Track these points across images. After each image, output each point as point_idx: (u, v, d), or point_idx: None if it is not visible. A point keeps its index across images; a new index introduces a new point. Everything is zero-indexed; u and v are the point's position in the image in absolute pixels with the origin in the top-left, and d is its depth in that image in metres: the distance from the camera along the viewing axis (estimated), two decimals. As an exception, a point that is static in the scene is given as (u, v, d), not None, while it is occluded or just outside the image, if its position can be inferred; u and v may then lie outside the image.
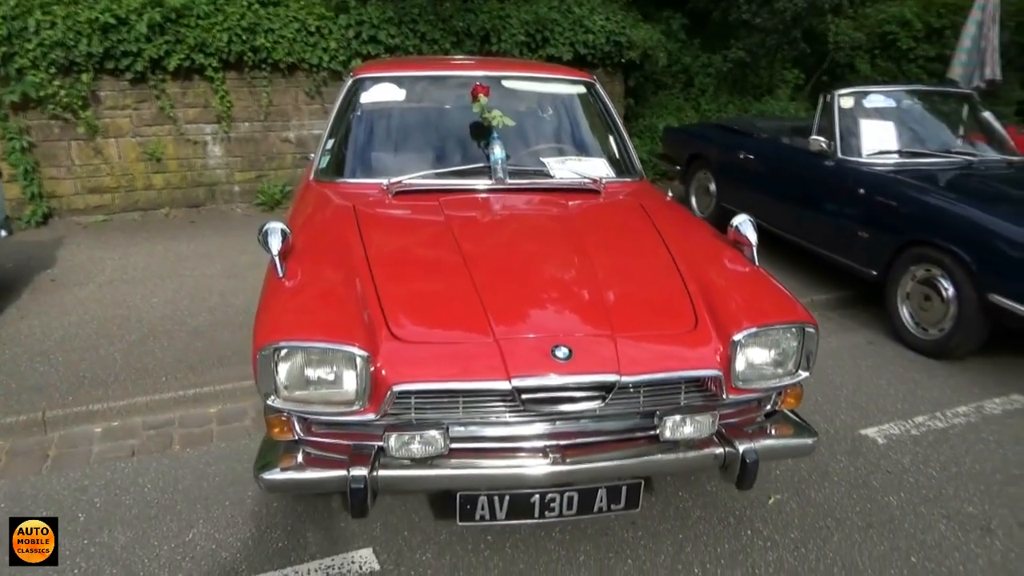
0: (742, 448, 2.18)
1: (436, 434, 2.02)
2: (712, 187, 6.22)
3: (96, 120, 6.02)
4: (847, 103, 4.90)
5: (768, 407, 2.41)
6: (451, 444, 2.05)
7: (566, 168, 3.35)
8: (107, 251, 5.45)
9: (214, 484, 2.83)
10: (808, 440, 2.35)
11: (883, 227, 4.37)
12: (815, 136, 4.91)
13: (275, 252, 2.37)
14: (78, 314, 4.27)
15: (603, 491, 2.18)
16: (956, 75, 6.62)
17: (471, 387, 2.02)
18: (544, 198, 3.15)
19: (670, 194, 3.49)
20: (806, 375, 2.30)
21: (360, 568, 2.39)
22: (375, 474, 2.03)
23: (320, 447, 2.17)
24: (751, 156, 5.65)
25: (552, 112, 3.73)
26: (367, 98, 3.53)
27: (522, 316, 2.23)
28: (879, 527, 2.65)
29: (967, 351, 4.01)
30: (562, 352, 2.05)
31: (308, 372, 2.05)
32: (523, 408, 2.05)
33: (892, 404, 3.58)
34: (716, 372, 2.14)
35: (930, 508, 2.78)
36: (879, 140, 4.74)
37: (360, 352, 1.99)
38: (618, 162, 3.57)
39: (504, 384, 1.99)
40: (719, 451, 2.22)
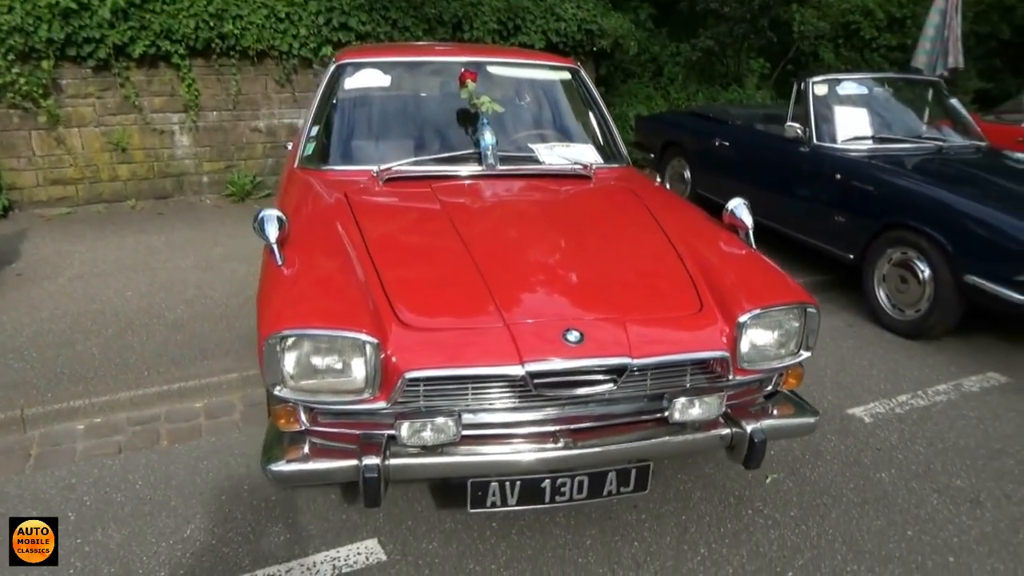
0: (750, 428, 2.20)
1: (448, 421, 2.00)
2: (687, 174, 6.27)
3: (58, 109, 5.81)
4: (821, 90, 4.97)
5: (769, 388, 2.44)
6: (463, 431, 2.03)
7: (554, 154, 3.34)
8: (74, 244, 5.28)
9: (208, 479, 2.77)
10: (810, 419, 2.38)
11: (859, 211, 4.46)
12: (790, 123, 4.98)
13: (272, 240, 2.32)
14: (49, 309, 4.13)
15: (613, 474, 2.18)
16: (920, 63, 6.77)
17: (484, 372, 2.00)
18: (536, 184, 3.14)
19: (658, 179, 3.50)
20: (808, 355, 2.33)
21: (367, 559, 2.36)
22: (387, 463, 2.00)
23: (327, 437, 2.13)
24: (726, 143, 5.71)
25: (538, 98, 3.71)
26: (351, 84, 3.46)
27: (530, 301, 2.22)
28: (874, 503, 2.71)
29: (943, 331, 4.12)
30: (573, 336, 2.04)
31: (315, 361, 2.01)
32: (534, 393, 2.04)
33: (875, 384, 3.66)
34: (724, 353, 2.16)
35: (921, 483, 2.85)
36: (853, 126, 4.83)
37: (370, 339, 1.96)
38: (604, 148, 3.57)
39: (517, 369, 1.98)
40: (726, 432, 2.24)
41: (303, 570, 2.30)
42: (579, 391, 2.06)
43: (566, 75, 3.78)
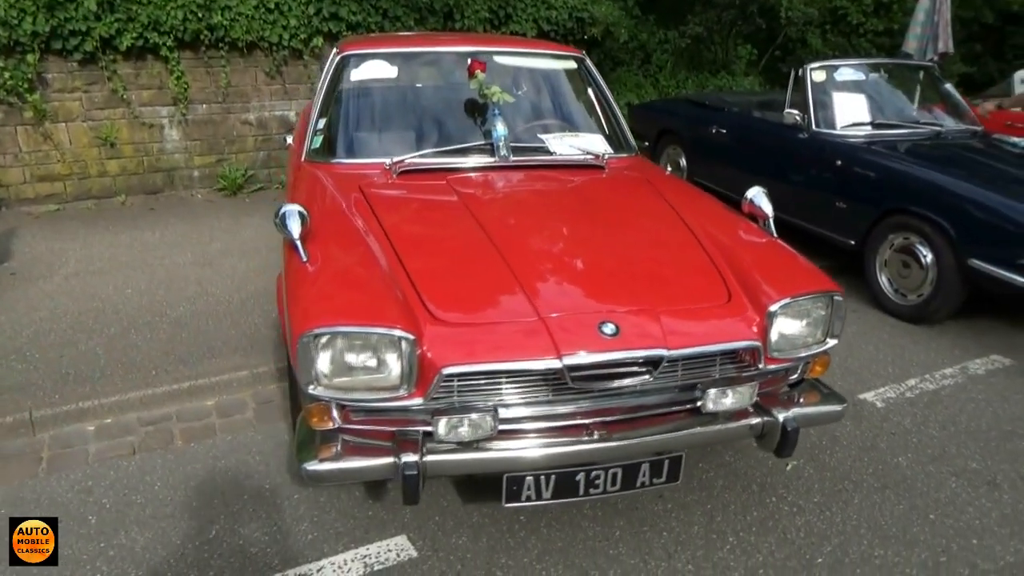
0: (782, 417, 2.21)
1: (486, 416, 1.99)
2: (682, 162, 6.26)
3: (44, 104, 5.68)
4: (819, 77, 4.98)
5: (795, 376, 2.45)
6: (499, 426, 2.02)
7: (564, 144, 3.32)
8: (66, 242, 5.18)
9: (227, 479, 2.74)
10: (838, 407, 2.40)
11: (861, 197, 4.48)
12: (789, 110, 4.99)
13: (296, 236, 2.28)
14: (48, 308, 4.05)
15: (646, 466, 2.18)
16: (911, 48, 6.82)
17: (521, 367, 1.98)
18: (551, 174, 3.13)
19: (669, 168, 3.49)
20: (835, 343, 2.35)
21: (398, 556, 2.34)
22: (425, 460, 1.99)
23: (359, 435, 2.11)
24: (723, 130, 5.72)
25: (545, 88, 3.68)
26: (358, 75, 3.41)
27: (561, 294, 2.20)
28: (894, 487, 2.74)
29: (945, 315, 4.16)
30: (609, 328, 2.04)
31: (350, 358, 1.98)
32: (569, 386, 2.03)
33: (883, 368, 3.69)
34: (756, 343, 2.16)
35: (937, 467, 2.88)
36: (852, 112, 4.86)
37: (406, 335, 1.94)
38: (613, 137, 3.55)
39: (555, 362, 1.97)
40: (756, 421, 2.25)
41: (334, 569, 2.29)
42: (615, 383, 2.06)
43: (572, 64, 3.76)
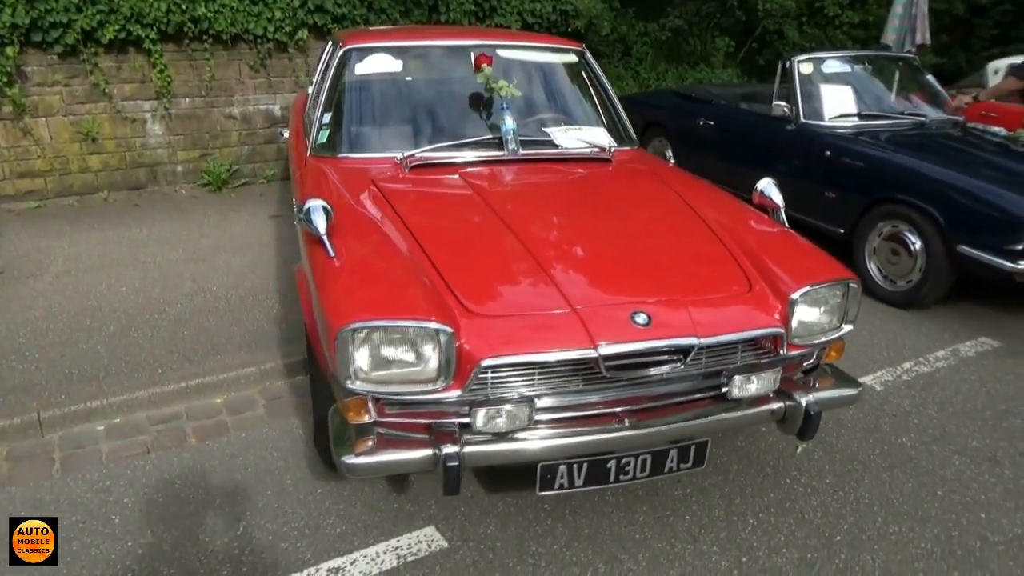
0: (804, 400, 2.28)
1: (523, 407, 2.02)
2: (669, 154, 6.33)
3: (23, 98, 5.54)
4: (806, 69, 5.08)
5: (809, 362, 2.51)
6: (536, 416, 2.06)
7: (569, 137, 3.36)
8: (52, 239, 5.08)
9: (248, 475, 2.73)
10: (854, 390, 2.47)
11: (850, 187, 4.59)
12: (777, 102, 5.08)
13: (322, 231, 2.28)
14: (42, 308, 3.98)
15: (674, 452, 2.23)
16: (890, 40, 6.96)
17: (557, 357, 2.02)
18: (561, 168, 3.16)
19: (672, 161, 3.55)
20: (850, 328, 2.42)
21: (429, 546, 2.37)
22: (463, 451, 2.01)
23: (393, 427, 2.13)
24: (711, 122, 5.79)
25: (548, 81, 3.71)
26: (362, 69, 3.41)
27: (590, 285, 2.23)
28: (901, 466, 2.83)
29: (933, 300, 4.29)
30: (641, 318, 2.08)
31: (388, 352, 2.00)
32: (603, 375, 2.07)
33: (878, 353, 3.80)
34: (780, 330, 2.23)
35: (940, 446, 2.98)
36: (839, 104, 4.96)
37: (444, 327, 1.96)
38: (615, 130, 3.60)
39: (591, 352, 2.00)
40: (778, 406, 2.32)
41: (367, 561, 2.30)
42: (647, 372, 2.10)
43: (573, 57, 3.79)
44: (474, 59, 3.33)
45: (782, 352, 2.27)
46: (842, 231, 4.67)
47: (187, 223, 5.50)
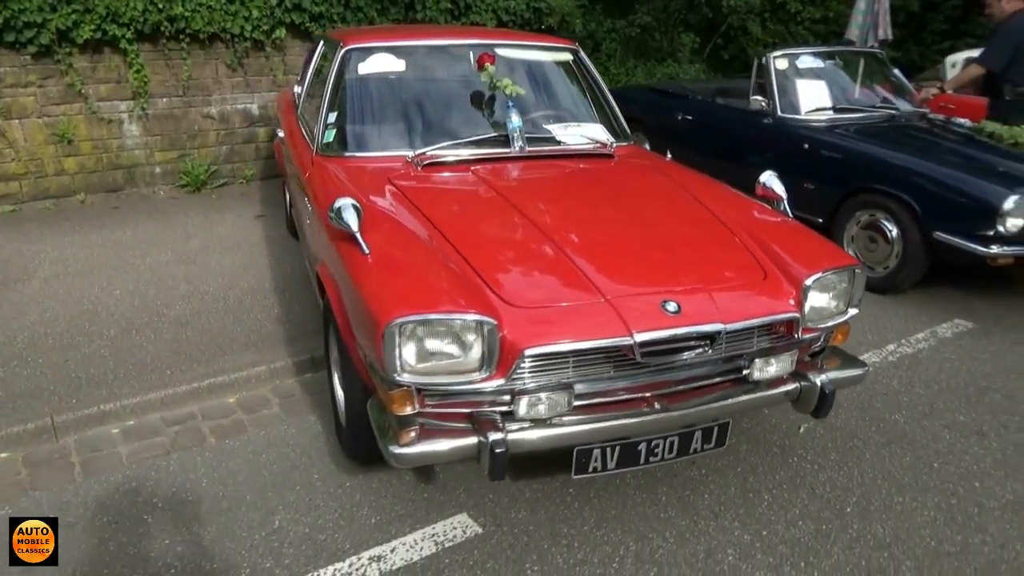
0: (820, 381, 2.41)
1: (563, 394, 2.11)
2: (646, 147, 6.46)
3: (-3, 100, 5.44)
4: (781, 64, 5.26)
5: (818, 345, 2.65)
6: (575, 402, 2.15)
7: (570, 134, 3.45)
8: (33, 243, 4.99)
9: (274, 471, 2.77)
10: (860, 370, 2.62)
11: (828, 178, 4.77)
12: (755, 96, 5.26)
13: (356, 229, 2.33)
14: (37, 313, 3.93)
15: (699, 433, 2.34)
16: (854, 36, 7.21)
17: (595, 345, 2.11)
18: (567, 163, 3.26)
19: (669, 155, 3.67)
20: (855, 312, 2.56)
21: (464, 532, 2.44)
22: (509, 437, 2.09)
23: (434, 417, 2.20)
24: (689, 117, 5.95)
25: (545, 79, 3.80)
26: (366, 69, 3.45)
27: (618, 275, 2.32)
28: (898, 442, 3.00)
29: (909, 285, 4.50)
30: (672, 306, 2.18)
31: (433, 344, 2.07)
32: (637, 361, 2.17)
33: (863, 336, 3.98)
34: (796, 314, 2.35)
35: (931, 421, 3.16)
36: (814, 98, 5.15)
37: (488, 319, 2.04)
38: (611, 126, 3.70)
39: (627, 340, 2.10)
40: (793, 386, 2.45)
41: (406, 548, 2.37)
42: (678, 357, 2.21)
43: (568, 56, 3.88)
44: (477, 58, 3.41)
45: (797, 335, 2.39)
46: (821, 220, 4.85)
47: (171, 225, 5.46)
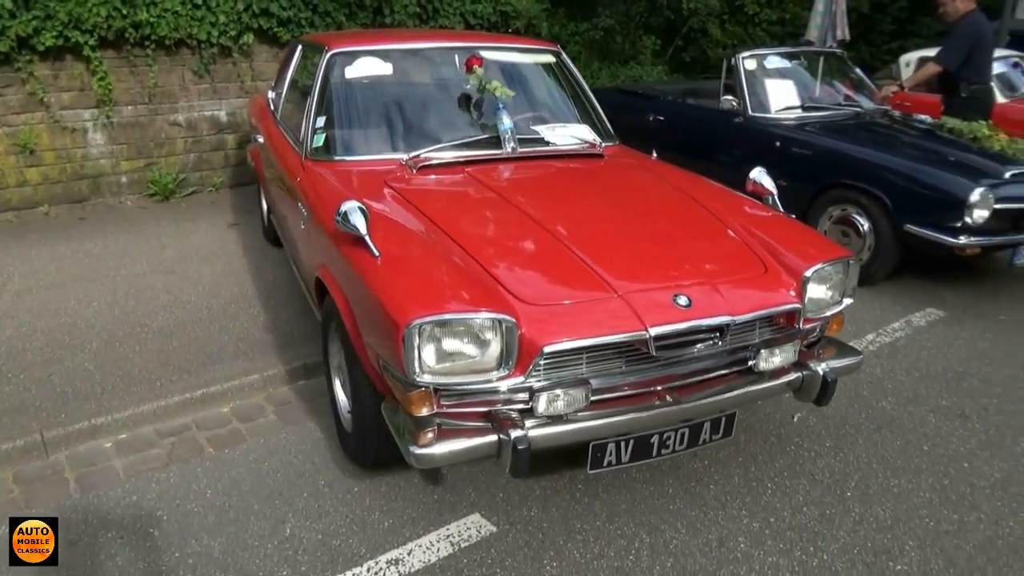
0: (822, 370, 2.48)
1: (581, 390, 2.14)
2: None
3: (-46, 110, 5.26)
4: (750, 65, 5.38)
5: (814, 335, 2.72)
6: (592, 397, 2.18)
7: (558, 134, 3.49)
8: (1, 257, 4.84)
9: (279, 479, 2.74)
10: (856, 358, 2.70)
11: (800, 175, 4.89)
12: (725, 96, 5.37)
13: (364, 232, 2.32)
14: (12, 328, 3.81)
15: (707, 424, 2.39)
16: (813, 36, 7.42)
17: (611, 340, 2.14)
18: (559, 164, 3.29)
19: (654, 154, 3.73)
20: (850, 302, 2.65)
21: (479, 531, 2.45)
22: (530, 434, 2.11)
23: (450, 417, 2.20)
24: (660, 117, 6.04)
25: (530, 81, 3.82)
26: (352, 73, 3.43)
27: (627, 271, 2.35)
28: (887, 427, 3.10)
29: (882, 277, 4.65)
30: (683, 300, 2.23)
31: (453, 344, 2.08)
32: (650, 355, 2.20)
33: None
34: (799, 305, 2.42)
35: (916, 407, 3.28)
36: (783, 97, 5.29)
37: (507, 318, 2.05)
38: (596, 127, 3.75)
39: (642, 334, 2.14)
40: (795, 376, 2.51)
41: (423, 550, 2.37)
42: (690, 350, 2.26)
43: (551, 58, 3.92)
44: (465, 61, 3.42)
45: (798, 326, 2.46)
46: (794, 216, 4.96)
47: (142, 235, 5.34)
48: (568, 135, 3.49)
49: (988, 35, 5.42)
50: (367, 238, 2.32)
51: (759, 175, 3.04)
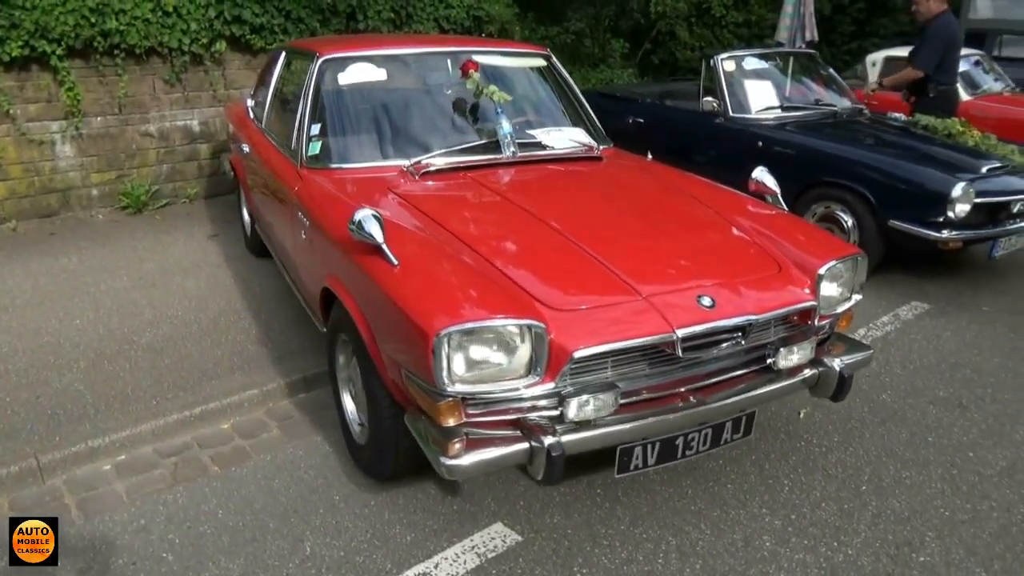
0: (838, 366, 2.50)
1: (610, 394, 2.12)
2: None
3: (-85, 124, 5.06)
4: (729, 66, 5.45)
5: (824, 331, 2.75)
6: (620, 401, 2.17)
7: (555, 138, 3.48)
8: (-30, 276, 4.66)
9: (291, 496, 2.67)
10: (867, 352, 2.73)
11: (784, 174, 4.86)
12: (706, 98, 5.43)
13: (381, 241, 2.28)
14: (-8, 349, 3.67)
15: (729, 424, 2.40)
16: (783, 38, 7.54)
17: (642, 343, 2.13)
18: (560, 167, 3.28)
19: (649, 156, 3.75)
20: (859, 298, 2.68)
21: (504, 541, 2.42)
22: (563, 440, 2.08)
23: (480, 426, 2.16)
24: (640, 120, 6.08)
25: (524, 85, 3.81)
26: (346, 79, 3.38)
27: (648, 273, 2.35)
28: (891, 420, 3.15)
29: (867, 272, 4.72)
30: (707, 301, 2.23)
31: (481, 352, 2.05)
32: (673, 357, 2.20)
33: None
34: (814, 303, 2.44)
35: (915, 399, 3.33)
36: (763, 97, 5.36)
37: (537, 323, 2.03)
38: (589, 129, 3.75)
39: (670, 336, 2.13)
40: (811, 373, 2.53)
41: (449, 563, 2.33)
42: (714, 350, 2.26)
43: (541, 61, 3.91)
44: (461, 65, 3.39)
45: (813, 323, 2.48)
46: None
47: (119, 249, 5.19)
48: (565, 138, 3.49)
49: (959, 36, 5.56)
50: (384, 246, 2.27)
51: (761, 174, 3.07)
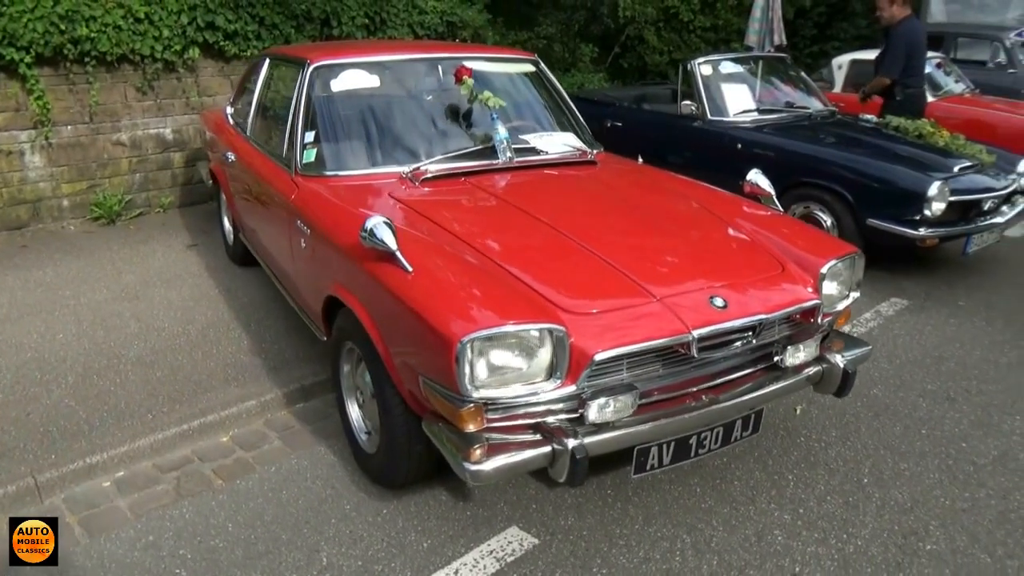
0: (842, 362, 2.57)
1: (630, 396, 2.15)
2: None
3: None
4: (706, 70, 5.54)
5: (824, 328, 2.81)
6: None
7: (547, 143, 3.51)
8: (-59, 291, 4.51)
9: (302, 507, 2.64)
10: (867, 348, 2.80)
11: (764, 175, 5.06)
12: (684, 101, 5.51)
13: (395, 248, 2.28)
14: (-27, 366, 3.56)
15: (739, 422, 2.45)
16: (752, 42, 7.70)
17: (660, 344, 2.16)
18: (557, 171, 3.30)
19: (640, 159, 3.80)
20: (857, 295, 2.75)
21: (521, 545, 2.43)
22: (585, 442, 2.10)
23: (501, 431, 2.17)
24: (619, 124, 6.14)
25: (515, 90, 3.82)
26: (339, 86, 3.37)
27: (660, 275, 2.38)
28: (884, 414, 3.24)
29: (845, 270, 4.85)
30: (719, 301, 2.28)
31: (503, 357, 2.06)
32: (686, 358, 2.24)
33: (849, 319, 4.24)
34: (819, 301, 2.50)
35: (906, 392, 3.43)
36: (740, 100, 5.46)
37: (557, 327, 2.05)
38: (579, 134, 3.79)
39: (686, 337, 2.17)
40: (815, 369, 2.59)
41: (469, 569, 2.33)
42: (728, 349, 2.30)
43: (530, 67, 3.94)
44: (455, 71, 3.40)
45: (817, 321, 2.54)
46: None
47: (95, 260, 5.08)
48: (559, 143, 3.52)
49: (923, 40, 5.73)
50: (398, 253, 2.27)
51: (756, 176, 3.14)
